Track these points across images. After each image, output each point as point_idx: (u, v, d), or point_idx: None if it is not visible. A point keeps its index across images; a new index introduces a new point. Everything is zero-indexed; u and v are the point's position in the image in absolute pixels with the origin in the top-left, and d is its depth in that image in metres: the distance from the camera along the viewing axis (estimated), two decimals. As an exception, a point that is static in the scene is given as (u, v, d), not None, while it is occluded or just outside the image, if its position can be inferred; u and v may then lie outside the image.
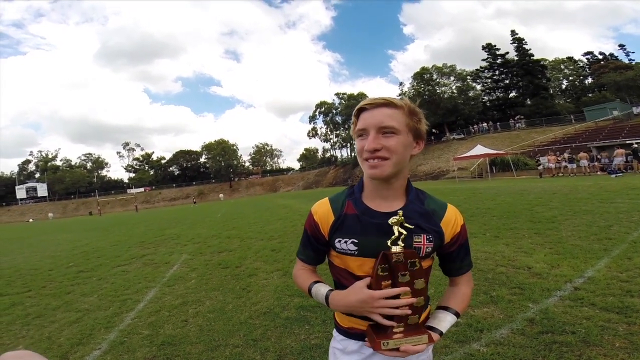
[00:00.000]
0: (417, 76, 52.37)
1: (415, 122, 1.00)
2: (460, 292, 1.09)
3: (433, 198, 1.07)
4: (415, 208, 1.01)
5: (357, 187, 1.09)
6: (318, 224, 1.08)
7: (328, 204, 1.09)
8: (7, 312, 4.47)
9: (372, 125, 0.95)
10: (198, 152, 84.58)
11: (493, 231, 6.29)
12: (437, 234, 1.01)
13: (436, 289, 3.47)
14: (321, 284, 1.07)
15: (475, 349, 2.45)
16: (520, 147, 33.76)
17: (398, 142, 0.95)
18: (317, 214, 1.09)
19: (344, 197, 1.09)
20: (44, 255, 9.71)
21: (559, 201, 9.17)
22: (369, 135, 0.96)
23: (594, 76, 53.97)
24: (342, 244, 1.02)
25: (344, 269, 1.05)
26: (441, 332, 0.97)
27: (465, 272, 1.11)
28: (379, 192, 1.03)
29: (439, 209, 1.04)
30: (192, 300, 4.26)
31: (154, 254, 7.98)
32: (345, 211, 1.04)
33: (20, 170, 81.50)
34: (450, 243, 1.04)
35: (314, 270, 1.18)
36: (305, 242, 1.15)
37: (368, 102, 0.99)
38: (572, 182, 15.01)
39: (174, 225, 15.30)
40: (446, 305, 1.05)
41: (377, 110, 0.96)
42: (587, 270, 3.73)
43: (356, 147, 1.01)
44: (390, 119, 0.95)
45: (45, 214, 64.43)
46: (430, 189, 20.61)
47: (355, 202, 1.05)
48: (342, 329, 1.10)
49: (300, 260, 1.18)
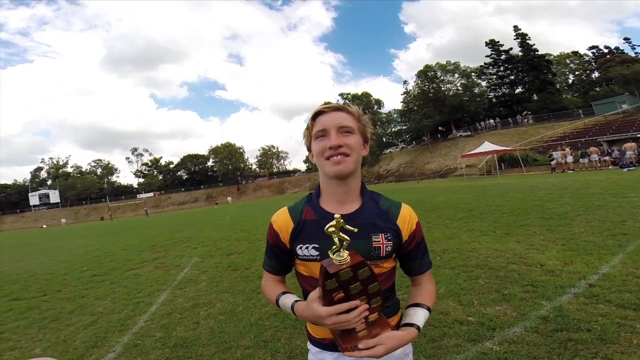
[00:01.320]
0: (421, 74, 51.92)
1: (364, 126, 1.07)
2: (426, 289, 1.09)
3: (387, 198, 1.11)
4: (371, 208, 1.06)
5: (315, 194, 1.12)
6: (278, 233, 1.10)
7: (287, 212, 1.11)
8: (24, 316, 4.56)
9: (332, 126, 1.01)
10: (205, 156, 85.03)
11: (503, 228, 6.23)
12: (395, 232, 1.03)
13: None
14: (287, 295, 1.08)
15: (488, 347, 2.42)
16: (529, 142, 33.34)
17: (355, 141, 1.02)
18: (276, 223, 1.11)
19: (302, 204, 1.11)
20: (58, 260, 9.86)
21: (570, 197, 9.03)
22: (329, 135, 1.01)
23: (600, 70, 53.11)
24: (303, 250, 1.04)
25: (310, 276, 1.06)
26: (418, 327, 0.97)
27: (427, 270, 1.12)
28: (336, 196, 1.06)
29: (394, 208, 1.08)
30: (203, 302, 4.29)
31: (164, 257, 8.06)
32: (304, 217, 1.07)
33: (32, 177, 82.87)
34: (408, 241, 1.06)
35: (282, 280, 1.19)
36: (268, 252, 1.17)
37: (325, 107, 1.04)
38: (583, 177, 14.78)
39: (184, 228, 15.41)
40: (416, 302, 1.05)
41: (335, 114, 1.03)
42: (601, 267, 3.67)
43: (315, 148, 1.05)
44: (347, 120, 1.02)
45: (58, 219, 65.42)
46: (439, 187, 20.53)
47: (314, 207, 1.08)
48: (315, 340, 1.11)
49: (266, 272, 1.20)
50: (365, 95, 66.45)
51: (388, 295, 1.07)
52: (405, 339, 0.92)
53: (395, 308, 1.11)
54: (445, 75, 51.66)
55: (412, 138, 61.69)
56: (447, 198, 13.29)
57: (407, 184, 34.73)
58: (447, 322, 2.87)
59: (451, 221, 7.82)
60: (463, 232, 6.46)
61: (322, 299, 0.86)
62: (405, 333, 0.94)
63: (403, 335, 0.92)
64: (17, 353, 3.36)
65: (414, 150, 54.41)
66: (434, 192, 17.12)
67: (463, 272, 4.15)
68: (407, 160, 51.82)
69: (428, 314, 1.02)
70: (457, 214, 8.69)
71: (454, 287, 3.66)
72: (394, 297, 1.11)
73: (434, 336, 2.66)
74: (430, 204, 11.81)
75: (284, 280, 1.20)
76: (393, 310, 1.09)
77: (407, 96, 55.73)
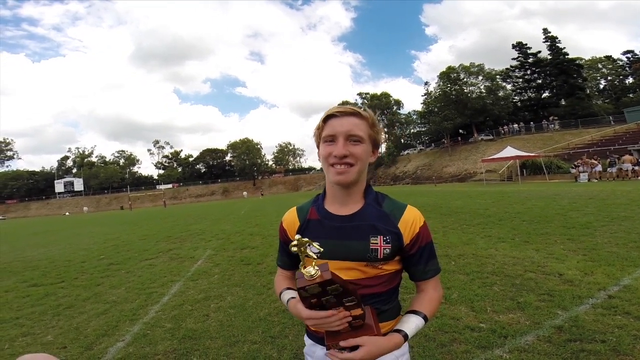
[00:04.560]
0: (443, 76, 51.03)
1: (375, 133, 1.05)
2: (427, 297, 1.06)
3: (392, 200, 1.09)
4: (372, 210, 1.04)
5: (322, 195, 1.15)
6: (286, 230, 1.16)
7: (295, 212, 1.17)
8: (40, 303, 4.69)
9: (341, 133, 0.98)
10: (223, 151, 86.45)
11: (522, 236, 6.05)
12: (395, 235, 1.01)
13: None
14: (289, 291, 1.10)
15: (498, 355, 2.36)
16: (553, 149, 32.23)
17: (362, 150, 1.00)
18: (285, 221, 1.17)
19: (309, 204, 1.16)
20: (78, 247, 10.20)
21: (595, 207, 8.70)
22: (337, 141, 0.99)
23: (635, 76, 50.87)
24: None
25: None
26: (405, 334, 0.94)
27: (432, 277, 1.07)
28: (338, 197, 1.07)
29: (397, 211, 1.05)
30: (214, 295, 4.35)
31: (179, 248, 8.22)
32: (309, 217, 1.11)
33: (59, 166, 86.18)
34: (409, 245, 1.02)
35: (291, 276, 1.21)
36: (280, 249, 1.23)
37: (338, 110, 1.01)
38: (610, 187, 14.22)
39: (199, 221, 15.69)
40: (413, 309, 1.02)
41: (346, 119, 1.00)
42: (623, 279, 3.52)
43: (321, 152, 1.04)
44: (358, 128, 1.00)
45: (80, 207, 67.82)
46: (456, 191, 20.16)
47: (318, 208, 1.11)
48: (310, 332, 1.16)
49: (279, 267, 1.25)
50: (385, 95, 66.00)
51: (388, 299, 1.04)
52: (388, 346, 0.90)
53: (395, 313, 1.08)
54: (468, 78, 50.66)
55: (431, 140, 60.68)
56: (464, 203, 13.03)
57: (424, 187, 34.28)
58: (458, 328, 2.80)
59: (468, 226, 7.66)
60: (480, 237, 6.31)
61: (302, 303, 0.89)
62: (389, 339, 0.92)
63: (386, 341, 0.90)
64: (29, 339, 3.42)
65: (433, 153, 53.54)
66: (451, 196, 16.82)
67: (478, 278, 4.05)
68: (424, 162, 51.10)
69: (422, 323, 0.98)
70: (475, 220, 8.50)
71: (467, 293, 3.57)
72: (394, 300, 1.08)
73: (444, 341, 2.60)
74: (447, 208, 11.61)
75: (293, 277, 1.21)
76: (392, 314, 1.06)
77: (428, 97, 55.01)
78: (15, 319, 4.06)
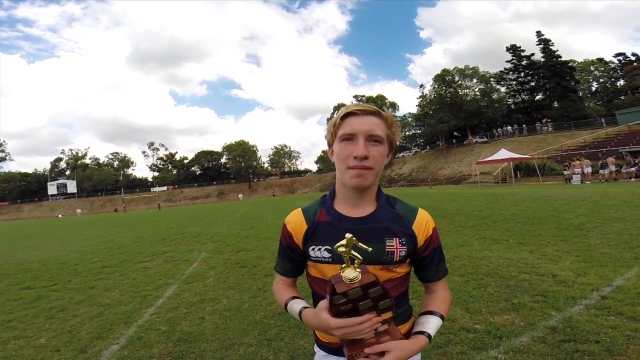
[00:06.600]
0: (438, 78, 51.38)
1: (393, 134, 1.01)
2: (440, 296, 1.06)
3: (404, 202, 1.08)
4: (386, 212, 1.02)
5: (329, 195, 1.09)
6: (291, 234, 1.08)
7: (301, 213, 1.09)
8: (33, 306, 4.62)
9: (362, 132, 0.93)
10: (219, 153, 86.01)
11: (516, 237, 6.10)
12: (410, 237, 1.00)
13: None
14: (297, 300, 1.05)
15: (493, 356, 2.38)
16: (547, 151, 32.59)
17: (382, 152, 0.97)
18: (290, 224, 1.09)
19: (316, 205, 1.09)
20: (71, 250, 10.09)
21: (587, 208, 8.80)
22: (357, 141, 0.94)
23: (626, 78, 51.52)
24: (316, 252, 1.02)
25: (321, 278, 1.03)
26: (429, 335, 0.94)
27: (442, 278, 1.08)
28: (350, 199, 1.02)
29: (410, 213, 1.04)
30: (209, 298, 4.32)
31: (174, 251, 8.16)
32: (317, 219, 1.05)
33: (52, 168, 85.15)
34: (423, 247, 1.02)
35: (292, 283, 1.17)
36: (281, 254, 1.14)
37: (358, 108, 0.96)
38: (602, 189, 14.38)
39: (194, 223, 15.60)
40: (429, 310, 1.01)
41: (367, 118, 0.95)
42: (616, 279, 3.57)
43: (338, 151, 0.98)
44: (378, 128, 0.95)
45: (73, 210, 67.04)
46: (451, 193, 20.28)
47: (327, 209, 1.05)
48: (322, 344, 1.09)
49: (278, 274, 1.17)
50: (380, 97, 66.17)
51: (400, 302, 1.03)
52: (414, 349, 0.89)
53: (407, 315, 1.07)
54: (463, 80, 51.01)
55: (426, 143, 60.99)
56: (459, 205, 13.10)
57: (419, 189, 34.41)
58: (453, 330, 2.82)
59: (463, 228, 7.70)
60: (474, 239, 6.35)
61: (330, 310, 0.84)
62: (414, 342, 0.91)
63: (412, 345, 0.89)
64: (21, 342, 3.38)
65: (428, 155, 53.81)
66: (446, 198, 16.91)
67: (472, 279, 4.08)
68: (420, 164, 51.32)
69: (441, 322, 0.98)
70: (469, 221, 8.56)
71: (462, 295, 3.59)
72: (407, 303, 1.08)
73: (439, 343, 2.62)
74: (442, 210, 11.66)
75: (295, 284, 1.18)
76: (405, 317, 1.05)
77: (423, 100, 55.24)
78: (7, 322, 4.00)
